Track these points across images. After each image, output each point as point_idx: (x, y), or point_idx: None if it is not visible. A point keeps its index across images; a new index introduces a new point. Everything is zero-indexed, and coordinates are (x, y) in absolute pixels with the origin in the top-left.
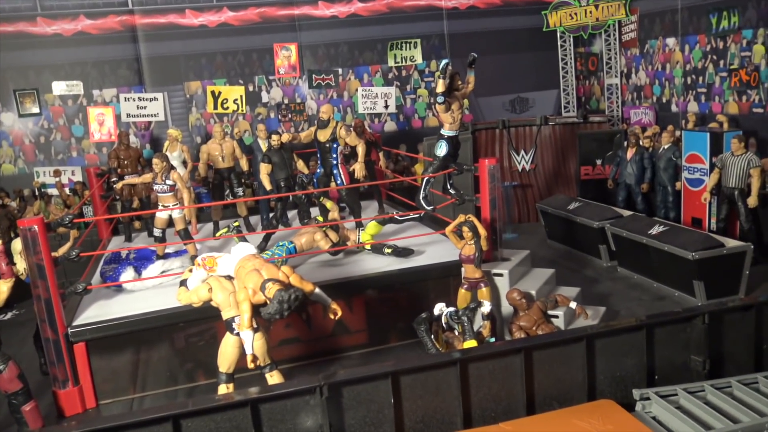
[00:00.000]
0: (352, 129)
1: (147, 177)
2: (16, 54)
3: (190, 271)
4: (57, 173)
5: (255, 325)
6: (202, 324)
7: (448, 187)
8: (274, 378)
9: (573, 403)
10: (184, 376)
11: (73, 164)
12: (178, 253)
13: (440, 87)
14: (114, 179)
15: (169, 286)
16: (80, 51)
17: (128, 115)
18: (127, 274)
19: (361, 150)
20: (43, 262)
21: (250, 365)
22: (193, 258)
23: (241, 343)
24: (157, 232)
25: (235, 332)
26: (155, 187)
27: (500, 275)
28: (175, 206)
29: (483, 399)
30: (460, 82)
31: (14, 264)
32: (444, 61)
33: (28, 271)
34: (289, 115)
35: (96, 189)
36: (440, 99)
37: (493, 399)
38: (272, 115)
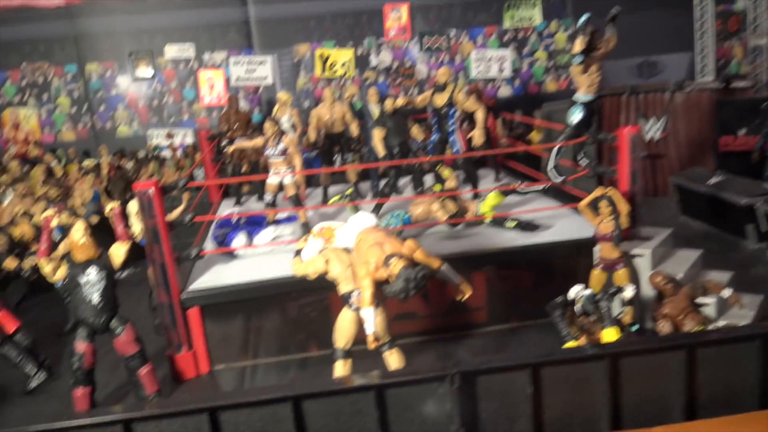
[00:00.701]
0: (470, 94)
1: (258, 141)
2: (131, 18)
3: (305, 240)
4: (169, 136)
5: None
6: (315, 294)
7: (579, 157)
8: (393, 356)
9: (742, 410)
10: (296, 346)
11: (184, 127)
12: (288, 220)
13: (579, 46)
14: (224, 143)
15: (281, 253)
16: (192, 14)
17: (237, 79)
18: (239, 239)
19: (480, 115)
20: (158, 227)
21: (371, 346)
22: (304, 225)
23: (360, 320)
24: (268, 198)
25: (353, 307)
26: (267, 152)
27: (640, 256)
28: (286, 171)
29: (634, 399)
30: (600, 41)
31: (130, 226)
32: (584, 17)
33: (143, 233)
34: (399, 80)
35: (207, 152)
36: (578, 59)
37: (646, 400)
38: (381, 79)
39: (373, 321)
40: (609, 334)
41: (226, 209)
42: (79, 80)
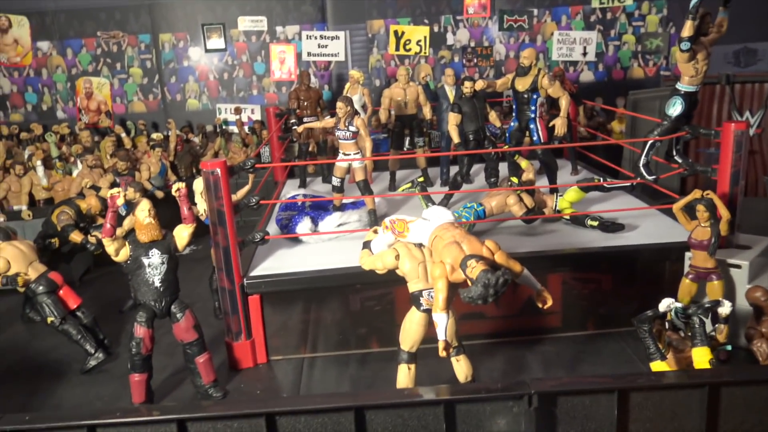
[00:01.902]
0: (556, 79)
1: (329, 121)
2: None
3: (375, 232)
4: (237, 111)
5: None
6: (380, 288)
7: (674, 153)
8: (461, 363)
9: None
10: (357, 341)
11: (253, 102)
12: (355, 205)
13: (688, 30)
14: (293, 121)
15: (346, 240)
16: None
17: (309, 54)
18: (304, 224)
19: (565, 103)
20: (224, 208)
21: (442, 353)
22: (371, 212)
23: (428, 322)
24: (335, 182)
25: (422, 308)
26: (337, 133)
27: (737, 267)
28: (356, 155)
29: None
30: (711, 26)
31: (194, 204)
32: None
33: (207, 212)
34: (475, 60)
35: (275, 130)
36: (686, 45)
37: None
38: (456, 58)
39: (445, 327)
40: (700, 354)
41: (291, 191)
42: (151, 50)
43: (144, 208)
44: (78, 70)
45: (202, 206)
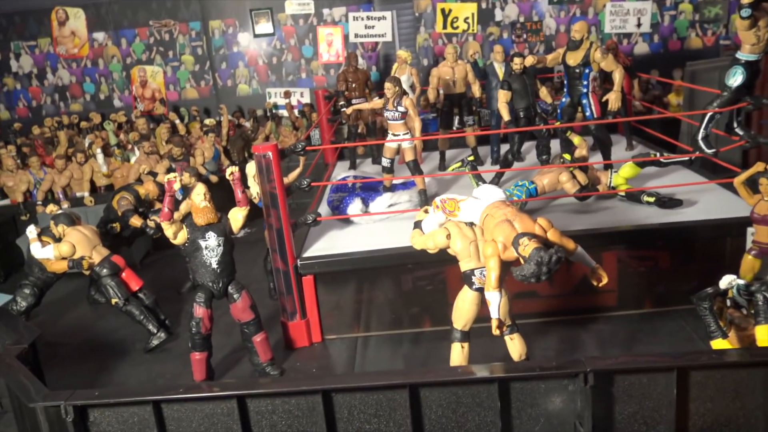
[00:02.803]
0: (608, 52)
1: (378, 102)
2: None
3: (426, 212)
4: (287, 94)
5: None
6: (431, 267)
7: (735, 125)
8: (515, 342)
9: None
10: (409, 320)
11: (302, 86)
12: (405, 186)
13: None
14: (342, 103)
15: (397, 220)
16: None
17: (356, 36)
18: (355, 205)
19: (618, 77)
20: (276, 191)
21: (495, 332)
22: (422, 192)
23: (481, 300)
24: (385, 162)
25: (474, 287)
26: (386, 114)
27: None
28: (405, 135)
29: None
30: None
31: (248, 187)
32: None
33: (260, 195)
34: (524, 36)
35: (324, 112)
36: (746, 12)
37: None
38: (505, 35)
39: (498, 305)
40: (764, 332)
41: (341, 172)
42: (202, 38)
43: (199, 192)
44: (132, 60)
45: (255, 189)
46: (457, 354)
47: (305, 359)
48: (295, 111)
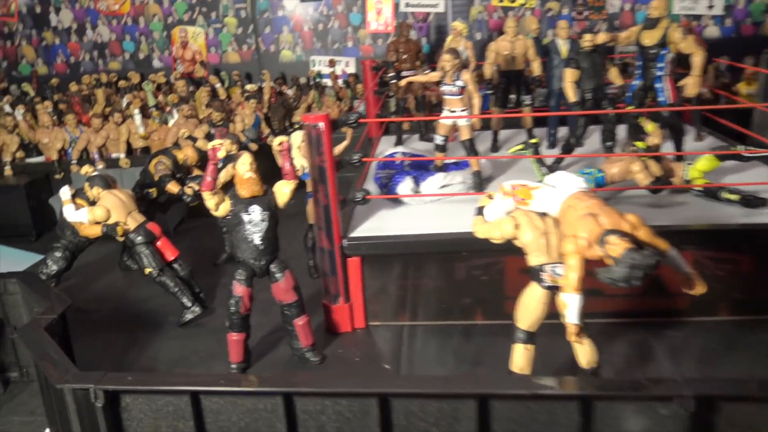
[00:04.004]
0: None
1: (434, 75)
2: None
3: (490, 197)
4: (332, 63)
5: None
6: (488, 256)
7: None
8: (585, 347)
9: None
10: (460, 312)
11: (347, 55)
12: (458, 166)
13: None
14: (391, 74)
15: (450, 203)
16: None
17: (407, 5)
18: (405, 184)
19: (699, 60)
20: (326, 165)
21: (572, 338)
22: (476, 174)
23: (550, 299)
24: (438, 140)
25: (544, 285)
26: (443, 88)
27: None
28: (462, 112)
29: None
30: None
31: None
32: None
33: (306, 168)
34: (586, 13)
35: (371, 84)
36: None
37: None
38: (565, 11)
39: (577, 309)
40: None
41: (388, 148)
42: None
43: (245, 162)
44: (174, 19)
45: (299, 161)
46: (521, 356)
47: (348, 346)
48: (340, 81)
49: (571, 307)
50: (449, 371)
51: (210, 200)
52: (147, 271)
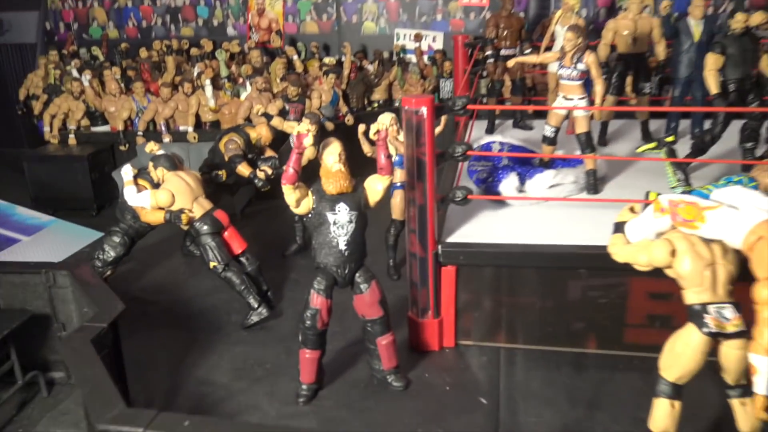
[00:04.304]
0: None
1: (550, 56)
2: None
3: (632, 210)
4: (418, 38)
5: None
6: (611, 276)
7: None
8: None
9: None
10: (569, 337)
11: (435, 29)
12: (567, 162)
13: None
14: (489, 52)
15: (562, 207)
16: None
17: None
18: (509, 182)
19: None
20: (426, 158)
21: (761, 414)
22: (591, 173)
23: (711, 348)
24: (548, 131)
25: (706, 330)
26: (560, 71)
27: None
28: (581, 100)
29: None
30: None
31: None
32: None
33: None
34: None
35: (462, 61)
36: None
37: None
38: None
39: None
40: None
41: (481, 136)
42: None
43: (334, 151)
44: None
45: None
46: (664, 414)
47: (436, 370)
48: (425, 57)
49: (762, 373)
50: (561, 414)
51: (290, 195)
52: (212, 265)
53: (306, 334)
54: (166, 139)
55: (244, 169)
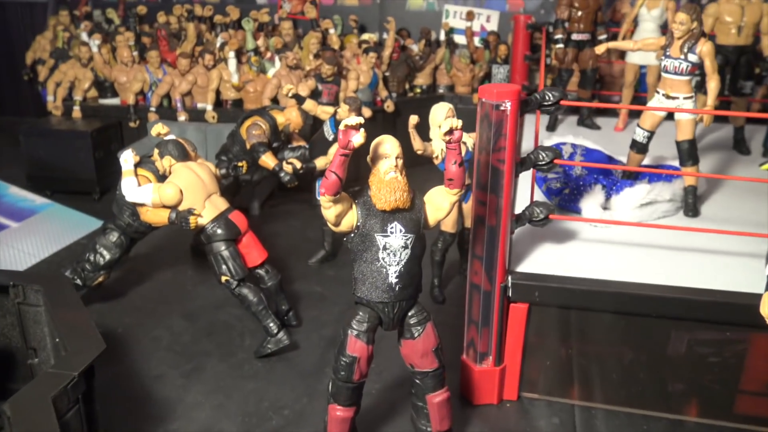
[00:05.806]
0: None
1: (652, 43)
2: None
3: None
4: (470, 16)
5: None
6: (728, 330)
7: None
8: None
9: None
10: (664, 400)
11: (491, 7)
12: (661, 177)
13: None
14: (558, 36)
15: (659, 232)
16: None
17: None
18: (594, 197)
19: None
20: (504, 166)
21: None
22: (691, 190)
23: None
24: (640, 136)
25: None
26: (663, 63)
27: None
28: (687, 100)
29: None
30: None
31: (429, 140)
32: None
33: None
34: None
35: (521, 45)
36: None
37: None
38: None
39: None
40: None
41: (555, 137)
42: None
43: (390, 152)
44: None
45: (438, 145)
46: None
47: (495, 430)
48: (476, 39)
49: None
50: None
51: (330, 209)
52: (224, 279)
53: (338, 386)
54: (182, 117)
55: (268, 160)
